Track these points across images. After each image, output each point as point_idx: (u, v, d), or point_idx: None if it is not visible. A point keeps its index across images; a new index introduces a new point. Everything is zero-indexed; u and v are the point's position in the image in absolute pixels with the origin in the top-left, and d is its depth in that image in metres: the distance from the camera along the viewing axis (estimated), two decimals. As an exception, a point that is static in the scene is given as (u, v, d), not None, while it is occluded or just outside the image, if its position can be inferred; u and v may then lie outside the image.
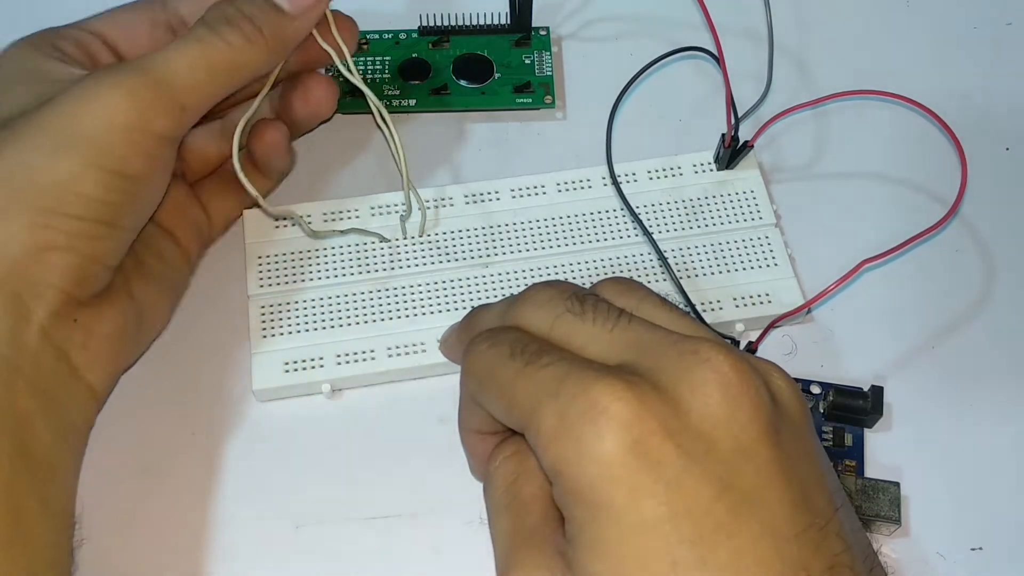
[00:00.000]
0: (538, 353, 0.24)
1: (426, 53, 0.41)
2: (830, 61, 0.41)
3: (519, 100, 0.40)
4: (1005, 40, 0.42)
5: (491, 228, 0.36)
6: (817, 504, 0.22)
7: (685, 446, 0.21)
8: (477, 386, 0.25)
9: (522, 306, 0.26)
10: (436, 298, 0.34)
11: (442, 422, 0.33)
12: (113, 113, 0.28)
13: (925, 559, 0.31)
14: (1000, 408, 0.33)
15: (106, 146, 0.28)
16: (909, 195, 0.38)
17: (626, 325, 0.24)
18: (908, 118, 0.39)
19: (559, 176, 0.37)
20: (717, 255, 0.35)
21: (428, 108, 0.40)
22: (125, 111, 0.28)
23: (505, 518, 0.25)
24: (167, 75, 0.29)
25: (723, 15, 0.36)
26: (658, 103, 0.40)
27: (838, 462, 0.32)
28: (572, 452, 0.22)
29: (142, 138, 0.28)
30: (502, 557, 0.25)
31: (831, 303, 0.35)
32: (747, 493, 0.21)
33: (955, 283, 0.36)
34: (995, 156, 0.39)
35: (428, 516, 0.31)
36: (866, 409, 0.32)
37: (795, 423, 0.23)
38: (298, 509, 0.31)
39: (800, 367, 0.34)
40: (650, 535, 0.21)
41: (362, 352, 0.33)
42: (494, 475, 0.26)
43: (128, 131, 0.28)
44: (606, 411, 0.21)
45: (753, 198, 0.36)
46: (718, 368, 0.22)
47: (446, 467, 0.31)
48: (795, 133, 0.39)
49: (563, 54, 0.42)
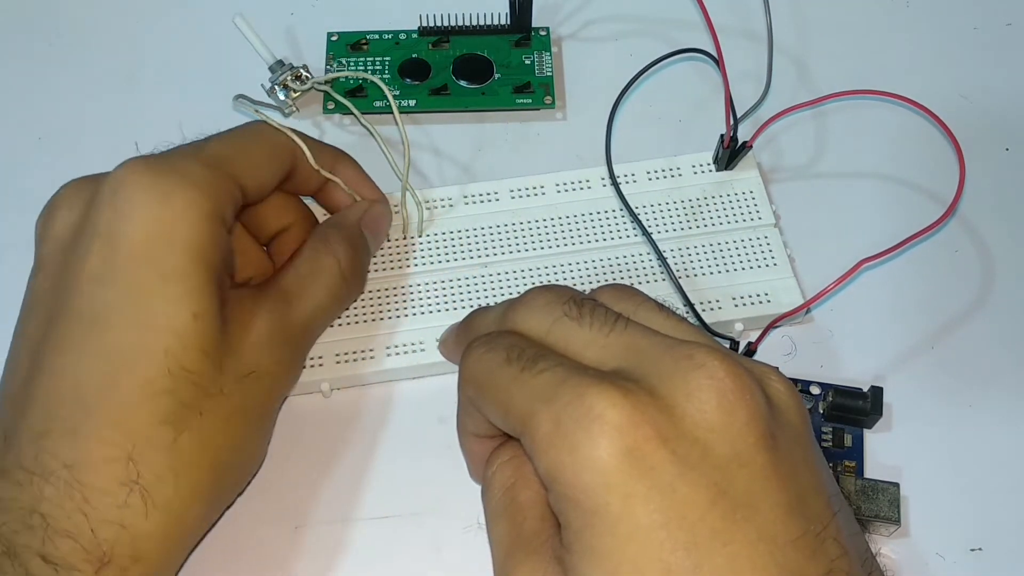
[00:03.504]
0: (534, 359, 0.24)
1: (426, 53, 0.41)
2: (829, 61, 0.41)
3: (519, 100, 0.40)
4: (1005, 40, 0.42)
5: (490, 228, 0.36)
6: (814, 509, 0.22)
7: (680, 452, 0.21)
8: (474, 391, 0.25)
9: (519, 310, 0.26)
10: (435, 298, 0.34)
11: (441, 422, 0.33)
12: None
13: (925, 560, 0.31)
14: (1000, 408, 0.33)
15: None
16: (908, 195, 0.38)
17: (622, 330, 0.24)
18: (907, 118, 0.39)
19: (558, 176, 0.37)
20: (716, 255, 0.35)
21: (428, 108, 0.40)
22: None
23: (502, 523, 0.25)
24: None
25: (723, 15, 0.36)
26: (658, 104, 0.40)
27: (838, 463, 0.32)
28: (567, 458, 0.22)
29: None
30: (499, 561, 0.25)
31: (830, 303, 0.35)
32: (742, 499, 0.21)
33: (954, 283, 0.36)
34: (994, 156, 0.39)
35: (428, 516, 0.31)
36: (866, 410, 0.32)
37: (792, 427, 0.23)
38: (298, 509, 0.31)
39: (799, 368, 0.34)
40: (645, 541, 0.21)
41: (361, 351, 0.33)
42: (491, 480, 0.26)
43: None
44: (601, 417, 0.21)
45: (752, 198, 0.36)
46: (713, 374, 0.22)
47: (446, 467, 0.31)
48: (794, 133, 0.39)
49: (563, 54, 0.42)
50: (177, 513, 0.26)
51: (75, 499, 0.24)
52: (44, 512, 0.24)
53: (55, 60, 0.42)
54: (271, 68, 0.39)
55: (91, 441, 0.25)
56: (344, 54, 0.41)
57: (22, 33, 0.43)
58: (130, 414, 0.25)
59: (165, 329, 0.26)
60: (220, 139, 0.30)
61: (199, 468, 0.26)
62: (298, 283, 0.30)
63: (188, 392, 0.26)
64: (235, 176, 0.29)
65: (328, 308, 0.32)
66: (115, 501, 0.25)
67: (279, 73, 0.39)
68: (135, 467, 0.25)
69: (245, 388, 0.28)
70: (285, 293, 0.30)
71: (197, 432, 0.26)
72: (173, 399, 0.26)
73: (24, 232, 0.37)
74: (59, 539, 0.24)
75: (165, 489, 0.26)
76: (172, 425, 0.26)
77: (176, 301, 0.26)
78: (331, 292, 0.31)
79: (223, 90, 0.41)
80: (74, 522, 0.24)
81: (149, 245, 0.26)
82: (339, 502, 0.31)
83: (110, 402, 0.25)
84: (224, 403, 0.27)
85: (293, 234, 0.33)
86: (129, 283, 0.26)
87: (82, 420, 0.25)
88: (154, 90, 0.41)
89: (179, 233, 0.27)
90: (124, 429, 0.25)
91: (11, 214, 0.38)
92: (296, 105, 0.39)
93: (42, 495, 0.24)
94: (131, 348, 0.26)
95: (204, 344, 0.26)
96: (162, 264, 0.26)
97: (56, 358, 0.26)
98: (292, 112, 0.39)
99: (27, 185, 0.39)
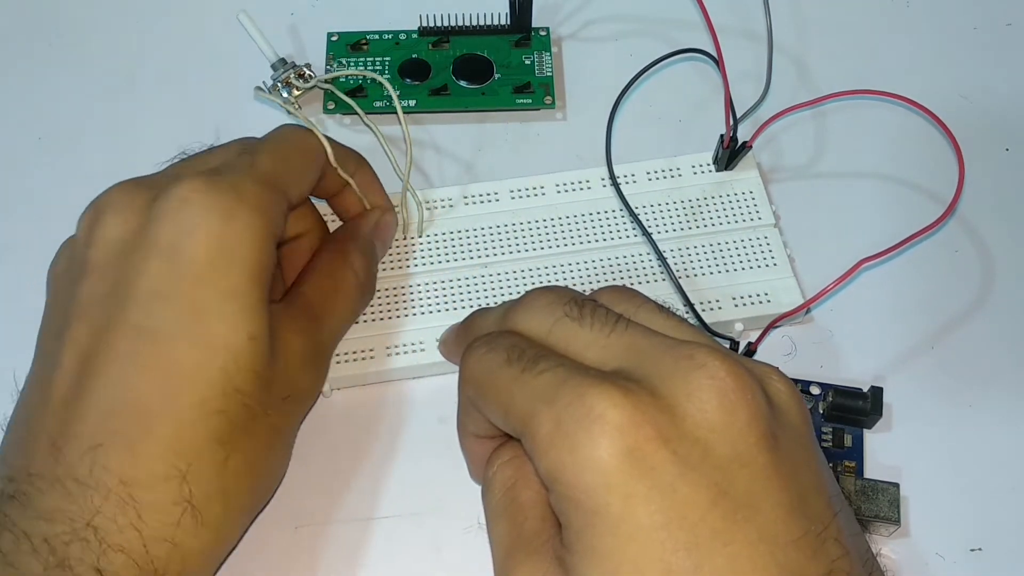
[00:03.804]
0: (535, 359, 0.24)
1: (426, 54, 0.41)
2: (829, 61, 0.41)
3: (519, 101, 0.40)
4: (1005, 40, 0.42)
5: (490, 228, 0.36)
6: (815, 509, 0.22)
7: (681, 452, 0.21)
8: (475, 391, 0.25)
9: (520, 310, 0.26)
10: (435, 298, 0.34)
11: (441, 422, 0.33)
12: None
13: (925, 560, 0.31)
14: (1000, 408, 0.33)
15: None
16: (908, 195, 0.38)
17: (623, 330, 0.24)
18: (907, 118, 0.39)
19: (558, 177, 0.37)
20: (716, 255, 0.35)
21: (428, 109, 0.40)
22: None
23: (503, 523, 0.25)
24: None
25: (723, 15, 0.36)
26: (658, 104, 0.40)
27: (838, 463, 0.32)
28: (567, 459, 0.22)
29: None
30: (499, 562, 0.25)
31: (830, 303, 0.35)
32: (743, 500, 0.21)
33: (954, 283, 0.36)
34: (994, 156, 0.39)
35: (428, 516, 0.31)
36: (866, 410, 0.32)
37: (794, 427, 0.23)
38: (298, 509, 0.31)
39: (799, 368, 0.34)
40: (645, 542, 0.21)
41: (361, 351, 0.33)
42: (492, 480, 0.26)
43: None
44: (601, 417, 0.21)
45: (752, 198, 0.36)
46: (714, 373, 0.22)
47: (446, 467, 0.31)
48: (794, 133, 0.39)
49: (563, 54, 0.42)
50: (223, 532, 0.27)
51: (129, 515, 0.24)
52: (97, 526, 0.24)
53: (55, 60, 0.42)
54: (273, 66, 0.39)
55: (149, 459, 0.25)
56: (344, 54, 0.41)
57: (22, 33, 0.43)
58: (187, 433, 0.25)
59: (223, 348, 0.26)
60: (266, 152, 0.30)
61: (244, 489, 0.27)
62: (323, 300, 0.31)
63: (239, 413, 0.26)
64: (285, 191, 0.29)
65: (348, 321, 0.33)
66: (169, 519, 0.25)
67: (282, 71, 0.39)
68: (188, 487, 0.25)
69: (284, 409, 0.28)
70: (313, 310, 0.30)
71: (244, 453, 0.26)
72: (226, 419, 0.26)
73: (24, 232, 0.37)
74: (113, 554, 0.24)
75: (214, 509, 0.26)
76: (223, 445, 0.26)
77: (234, 321, 0.26)
78: (351, 306, 0.32)
79: (223, 90, 0.41)
80: (127, 537, 0.24)
81: (210, 264, 0.26)
82: (339, 502, 0.31)
83: (168, 419, 0.25)
84: (267, 424, 0.27)
85: (307, 242, 0.33)
86: (190, 300, 0.26)
87: (140, 436, 0.25)
88: (154, 90, 0.41)
89: (239, 253, 0.27)
90: (180, 448, 0.25)
91: (11, 214, 0.38)
92: (298, 103, 0.39)
93: (96, 509, 0.24)
94: (190, 366, 0.26)
95: (256, 365, 0.27)
96: (222, 283, 0.26)
97: (113, 368, 0.26)
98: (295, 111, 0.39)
99: (27, 185, 0.39)
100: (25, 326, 0.29)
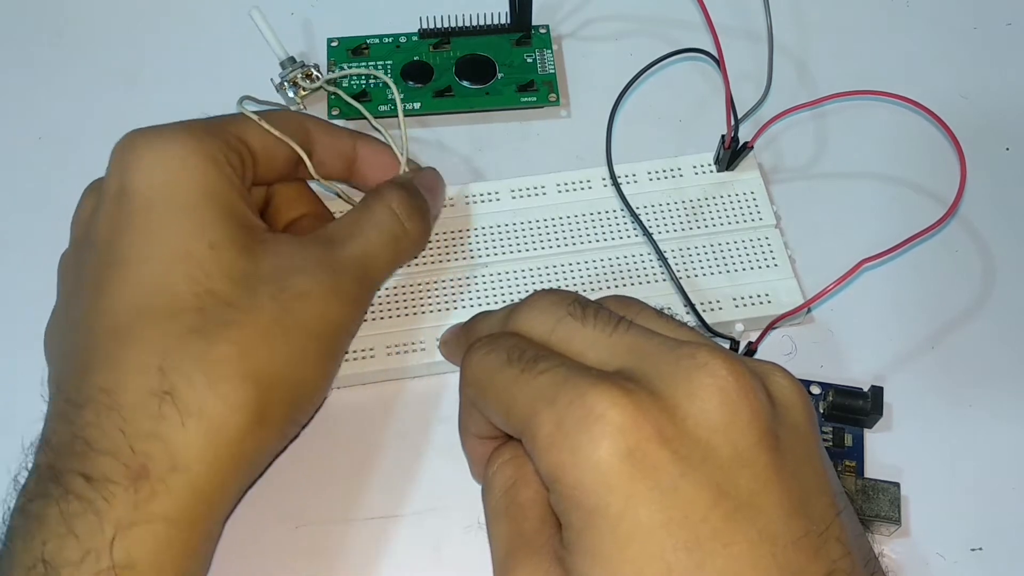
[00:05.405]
0: (535, 359, 0.24)
1: (427, 56, 0.41)
2: (830, 61, 0.41)
3: (524, 99, 0.40)
4: (1005, 40, 0.42)
5: (491, 228, 0.36)
6: (817, 509, 0.22)
7: (681, 452, 0.21)
8: (475, 392, 0.25)
9: (523, 311, 0.26)
10: (435, 297, 0.34)
11: (441, 422, 0.33)
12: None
13: (925, 559, 0.31)
14: (1000, 408, 0.33)
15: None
16: (908, 195, 0.38)
17: (625, 330, 0.24)
18: (908, 118, 0.39)
19: (559, 177, 0.37)
20: (717, 256, 0.35)
21: (433, 111, 0.40)
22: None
23: (503, 523, 0.25)
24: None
25: (723, 15, 0.36)
26: (658, 104, 0.40)
27: (838, 462, 0.32)
28: (568, 459, 0.22)
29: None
30: (500, 561, 0.25)
31: (831, 303, 0.35)
32: (744, 500, 0.21)
33: (954, 283, 0.36)
34: (995, 156, 0.39)
35: (428, 516, 0.31)
36: (866, 409, 0.32)
37: (797, 426, 0.23)
38: (298, 509, 0.31)
39: (800, 367, 0.34)
40: (646, 542, 0.21)
41: (361, 350, 0.33)
42: (492, 480, 0.26)
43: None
44: (602, 418, 0.21)
45: (753, 199, 0.36)
46: (715, 373, 0.22)
47: (446, 466, 0.31)
48: (795, 134, 0.39)
49: (563, 53, 0.42)
50: (216, 422, 0.26)
51: (114, 419, 0.25)
52: (86, 437, 0.25)
53: (55, 60, 0.42)
54: (282, 64, 0.39)
55: (125, 362, 0.26)
56: (345, 59, 0.41)
57: (23, 33, 0.43)
58: (159, 331, 0.27)
59: (184, 258, 0.27)
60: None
61: (237, 378, 0.27)
62: (346, 229, 0.31)
63: (218, 309, 0.27)
64: (237, 134, 0.30)
65: (386, 246, 0.32)
66: (149, 412, 0.26)
67: (290, 70, 0.39)
68: (166, 377, 0.26)
69: (283, 304, 0.28)
70: (330, 236, 0.31)
71: (233, 344, 0.27)
72: (201, 314, 0.27)
73: (24, 232, 0.37)
74: (99, 458, 0.25)
75: (196, 395, 0.26)
76: (202, 335, 0.27)
77: (190, 233, 0.28)
78: (386, 233, 0.32)
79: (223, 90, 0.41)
80: (113, 441, 0.25)
81: (158, 189, 0.28)
82: (339, 502, 0.31)
83: (140, 326, 0.27)
84: (259, 316, 0.28)
85: (308, 223, 0.34)
86: (144, 224, 0.28)
87: (116, 347, 0.26)
88: (154, 90, 0.41)
89: (185, 175, 0.28)
90: (154, 346, 0.26)
91: (11, 214, 0.38)
92: (303, 104, 0.39)
93: (85, 422, 0.25)
94: (155, 278, 0.27)
95: (229, 271, 0.28)
96: (172, 203, 0.28)
97: (88, 302, 0.27)
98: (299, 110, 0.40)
99: (27, 185, 0.39)
100: (24, 324, 0.29)
